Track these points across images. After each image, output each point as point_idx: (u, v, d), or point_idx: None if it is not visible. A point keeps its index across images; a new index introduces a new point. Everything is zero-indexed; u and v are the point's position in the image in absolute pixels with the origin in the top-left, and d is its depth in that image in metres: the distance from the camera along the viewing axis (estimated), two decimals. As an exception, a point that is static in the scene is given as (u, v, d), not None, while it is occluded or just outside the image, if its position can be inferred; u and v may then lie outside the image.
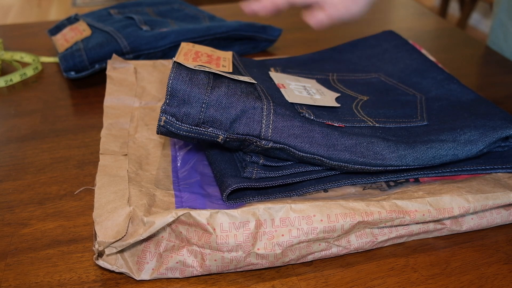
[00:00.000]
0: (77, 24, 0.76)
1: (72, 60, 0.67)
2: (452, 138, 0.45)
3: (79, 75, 0.68)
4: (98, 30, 0.73)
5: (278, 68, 0.59)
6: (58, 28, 0.78)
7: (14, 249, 0.43)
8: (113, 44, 0.68)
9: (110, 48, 0.68)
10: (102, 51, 0.67)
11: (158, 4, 0.86)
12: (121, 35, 0.69)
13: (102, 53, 0.67)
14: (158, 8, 0.85)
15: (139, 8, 0.84)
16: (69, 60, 0.67)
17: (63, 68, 0.67)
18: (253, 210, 0.38)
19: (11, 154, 0.55)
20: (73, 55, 0.67)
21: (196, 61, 0.48)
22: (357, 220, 0.40)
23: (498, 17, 0.84)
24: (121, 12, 0.82)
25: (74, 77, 0.68)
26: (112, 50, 0.67)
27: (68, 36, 0.74)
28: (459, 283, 0.40)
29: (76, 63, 0.67)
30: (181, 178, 0.46)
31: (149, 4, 0.86)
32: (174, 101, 0.42)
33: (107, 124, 0.52)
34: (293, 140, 0.43)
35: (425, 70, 0.60)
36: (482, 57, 0.80)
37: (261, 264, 0.39)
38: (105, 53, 0.67)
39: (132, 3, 0.85)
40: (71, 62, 0.67)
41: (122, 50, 0.68)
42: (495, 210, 0.44)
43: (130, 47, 0.68)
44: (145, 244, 0.39)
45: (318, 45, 0.81)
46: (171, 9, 0.85)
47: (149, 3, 0.86)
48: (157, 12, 0.84)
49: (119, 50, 0.68)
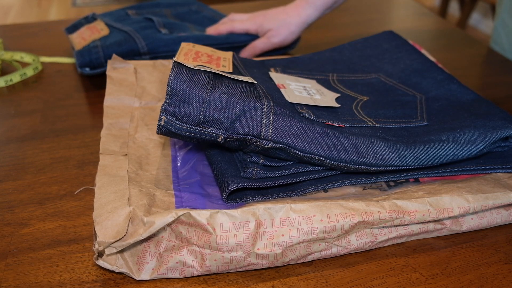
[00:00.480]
0: (95, 23, 0.76)
1: (88, 56, 0.67)
2: (452, 138, 0.45)
3: (93, 71, 0.67)
4: (116, 29, 0.72)
5: (278, 69, 0.59)
6: (75, 26, 0.78)
7: (14, 249, 0.43)
8: (131, 43, 0.68)
9: (128, 47, 0.67)
10: (120, 49, 0.67)
11: (176, 5, 0.86)
12: (139, 36, 0.69)
13: (119, 51, 0.67)
14: (176, 9, 0.84)
15: (157, 9, 0.83)
16: (86, 56, 0.67)
17: (78, 63, 0.67)
18: (253, 210, 0.38)
19: (11, 154, 0.55)
20: (89, 51, 0.67)
21: (196, 61, 0.48)
22: (357, 220, 0.40)
23: (501, 17, 0.84)
24: (138, 13, 0.81)
25: (88, 73, 0.68)
26: (130, 50, 0.67)
27: (85, 34, 0.73)
28: (459, 283, 0.40)
29: (92, 60, 0.67)
30: (181, 178, 0.46)
31: (167, 5, 0.85)
32: (174, 100, 0.42)
33: (107, 124, 0.52)
34: (293, 140, 0.43)
35: (425, 70, 0.60)
36: (482, 57, 0.80)
37: (261, 264, 0.39)
38: (122, 51, 0.67)
39: (150, 3, 0.85)
40: (87, 58, 0.67)
41: (140, 51, 0.68)
42: (495, 210, 0.44)
43: (148, 48, 0.68)
44: (145, 244, 0.39)
45: (318, 46, 0.81)
46: (189, 11, 0.85)
47: (167, 4, 0.85)
48: (175, 14, 0.83)
49: (136, 50, 0.68)
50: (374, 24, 0.94)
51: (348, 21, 0.95)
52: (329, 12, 0.73)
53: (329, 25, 0.93)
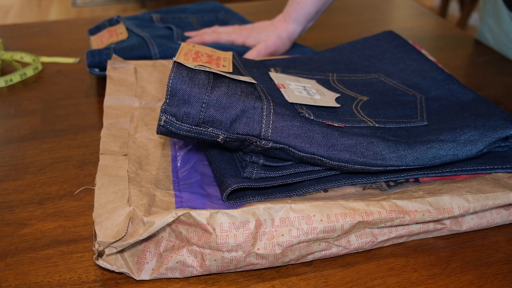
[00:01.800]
0: (117, 26, 0.76)
1: (98, 57, 0.66)
2: (452, 138, 0.45)
3: (103, 73, 0.67)
4: (135, 34, 0.72)
5: (278, 69, 0.59)
6: (98, 28, 0.78)
7: (14, 249, 0.43)
8: (144, 49, 0.67)
9: (140, 52, 0.67)
10: (131, 54, 0.66)
11: (203, 11, 0.84)
12: (154, 42, 0.68)
13: (131, 55, 0.66)
14: (203, 16, 0.83)
15: (183, 15, 0.82)
16: (96, 56, 0.66)
17: (88, 63, 0.66)
18: (253, 210, 0.38)
19: (11, 154, 0.55)
20: (100, 52, 0.66)
21: (196, 61, 0.48)
22: (357, 220, 0.40)
23: (486, 22, 0.84)
24: (163, 18, 0.80)
25: (97, 74, 0.67)
26: (142, 55, 0.67)
27: (104, 38, 0.74)
28: (459, 283, 0.40)
29: (102, 61, 0.66)
30: (181, 178, 0.46)
31: (194, 11, 0.84)
32: (174, 100, 0.42)
33: (107, 124, 0.52)
34: (293, 140, 0.43)
35: (425, 71, 0.60)
36: (482, 57, 0.80)
37: (261, 264, 0.39)
38: (133, 56, 0.66)
39: (176, 8, 0.84)
40: (97, 58, 0.66)
41: (152, 57, 0.67)
42: (495, 210, 0.44)
43: (161, 55, 0.67)
44: (145, 244, 0.39)
45: (318, 46, 0.81)
46: (215, 19, 0.83)
47: (194, 9, 0.84)
48: (200, 21, 0.82)
49: (149, 56, 0.67)
50: (374, 24, 0.94)
51: (348, 21, 0.95)
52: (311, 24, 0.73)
53: (329, 25, 0.93)
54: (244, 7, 1.01)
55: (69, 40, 0.84)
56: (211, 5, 0.87)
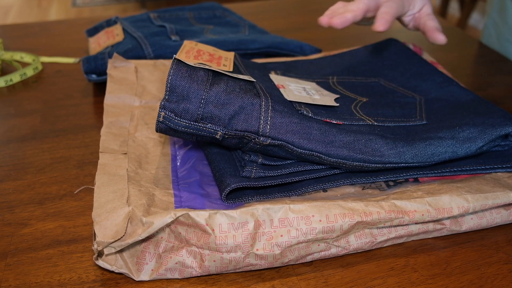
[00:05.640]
0: (114, 27, 0.76)
1: (94, 63, 0.66)
2: (451, 136, 0.45)
3: (100, 78, 0.67)
4: (129, 35, 0.72)
5: (279, 72, 0.59)
6: (96, 29, 0.78)
7: (14, 249, 0.43)
8: (138, 50, 0.67)
9: (134, 54, 0.67)
10: (125, 57, 0.66)
11: (200, 9, 0.85)
12: (147, 42, 0.68)
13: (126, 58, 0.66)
14: (200, 13, 0.84)
15: (180, 12, 0.83)
16: (91, 62, 0.66)
17: (84, 70, 0.66)
18: (252, 210, 0.38)
19: (11, 154, 0.55)
20: (95, 58, 0.66)
21: (197, 59, 0.48)
22: (356, 220, 0.40)
23: (491, 16, 0.84)
24: (161, 16, 0.80)
25: (95, 80, 0.67)
26: (136, 57, 0.67)
27: (101, 40, 0.73)
28: (459, 283, 0.40)
29: (98, 66, 0.66)
30: (180, 177, 0.46)
31: (191, 8, 0.84)
32: (173, 96, 0.42)
33: (107, 122, 0.52)
34: (291, 137, 0.43)
35: (424, 74, 0.60)
36: (482, 57, 0.80)
37: (260, 264, 0.39)
38: (128, 58, 0.66)
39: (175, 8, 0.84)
40: (92, 64, 0.66)
41: (146, 57, 0.67)
42: (495, 210, 0.44)
43: (154, 54, 0.67)
44: (145, 245, 0.39)
45: (319, 45, 0.81)
46: (212, 15, 0.84)
47: (191, 7, 0.84)
48: (197, 17, 0.82)
49: (143, 56, 0.67)
50: (374, 24, 0.94)
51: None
52: None
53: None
54: (244, 7, 1.01)
55: (69, 40, 0.85)
56: (209, 5, 0.88)
